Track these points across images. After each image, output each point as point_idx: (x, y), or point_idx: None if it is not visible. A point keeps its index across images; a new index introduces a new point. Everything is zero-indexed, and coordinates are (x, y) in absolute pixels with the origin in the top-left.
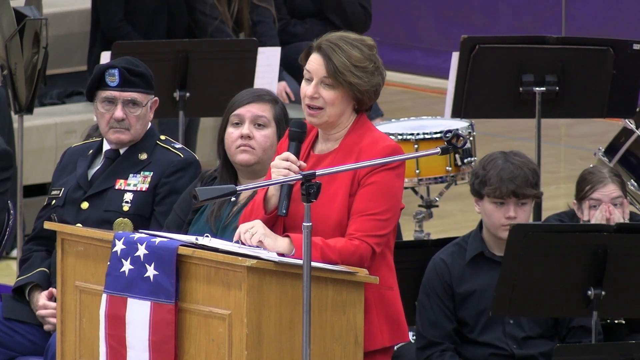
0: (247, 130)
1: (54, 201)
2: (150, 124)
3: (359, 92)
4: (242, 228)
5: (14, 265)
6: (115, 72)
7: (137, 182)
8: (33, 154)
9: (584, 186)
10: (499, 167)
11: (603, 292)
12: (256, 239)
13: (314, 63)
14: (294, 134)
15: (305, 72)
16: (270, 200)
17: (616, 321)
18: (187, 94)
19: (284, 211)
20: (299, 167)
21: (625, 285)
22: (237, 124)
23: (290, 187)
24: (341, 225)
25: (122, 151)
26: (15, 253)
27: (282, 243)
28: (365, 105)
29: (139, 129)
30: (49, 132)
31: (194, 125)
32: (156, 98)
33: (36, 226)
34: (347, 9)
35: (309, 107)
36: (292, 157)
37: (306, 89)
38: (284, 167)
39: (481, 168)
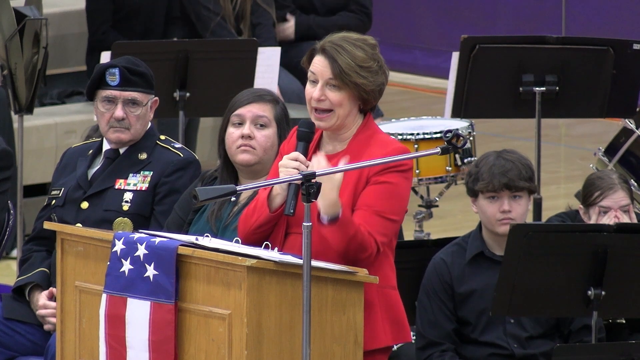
0: (247, 130)
1: (53, 201)
2: (150, 124)
3: (365, 92)
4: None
5: (14, 265)
6: (116, 71)
7: (136, 182)
8: (33, 154)
9: (593, 192)
10: (491, 163)
11: (603, 292)
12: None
13: (319, 65)
14: (303, 134)
15: (309, 74)
16: (275, 199)
17: (619, 321)
18: (187, 94)
19: (292, 211)
20: (307, 167)
21: (625, 285)
22: (238, 124)
23: (297, 187)
24: None
25: (122, 151)
26: (15, 253)
27: (327, 195)
28: (371, 104)
29: (139, 128)
30: (49, 132)
31: (194, 125)
32: (156, 98)
33: (36, 226)
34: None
35: (316, 110)
36: (301, 157)
37: (312, 91)
38: (293, 167)
39: (474, 166)
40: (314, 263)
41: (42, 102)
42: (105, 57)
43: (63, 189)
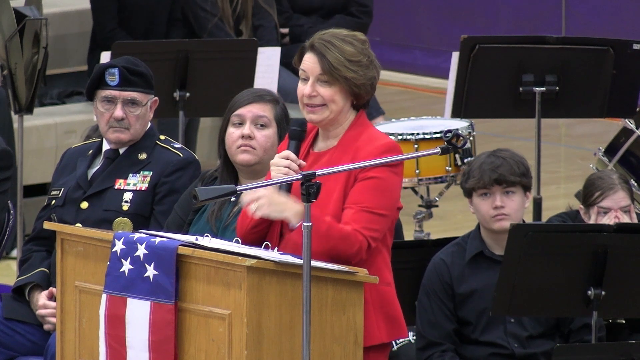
0: (248, 131)
1: (53, 201)
2: (150, 124)
3: (356, 86)
4: (246, 198)
5: (14, 265)
6: (115, 71)
7: (136, 182)
8: (33, 154)
9: (593, 192)
10: (482, 160)
11: (603, 292)
12: (260, 213)
13: (309, 62)
14: (294, 132)
15: (300, 72)
16: None
17: (619, 321)
18: (187, 94)
19: None
20: (299, 165)
21: (625, 285)
22: (238, 124)
23: (288, 188)
24: (337, 219)
25: (121, 151)
26: (15, 253)
27: (291, 208)
28: (363, 99)
29: (139, 128)
30: (49, 132)
31: (194, 125)
32: (156, 98)
33: (36, 227)
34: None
35: (308, 105)
36: (292, 155)
37: (303, 88)
38: (284, 165)
39: (467, 166)
40: (314, 263)
41: (42, 102)
42: (105, 57)
43: (63, 189)
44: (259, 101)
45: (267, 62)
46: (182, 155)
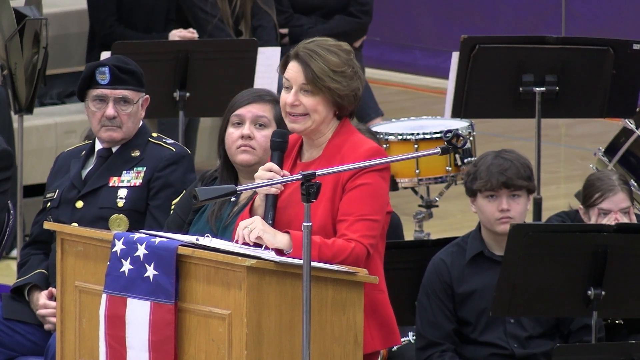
0: (247, 131)
1: (49, 204)
2: (142, 122)
3: (339, 97)
4: (241, 224)
5: (14, 265)
6: (106, 70)
7: (130, 178)
8: (33, 154)
9: (593, 193)
10: (489, 162)
11: (603, 292)
12: (254, 234)
13: (292, 71)
14: (275, 144)
15: (284, 80)
16: (257, 211)
17: (617, 321)
18: (187, 94)
19: (270, 222)
20: (282, 176)
21: (625, 285)
22: (237, 124)
23: (275, 198)
24: (325, 229)
25: (114, 149)
26: (15, 253)
27: (281, 238)
28: (346, 110)
29: (131, 126)
30: (49, 132)
31: (194, 125)
32: (147, 95)
33: (33, 231)
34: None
35: (291, 114)
36: (275, 167)
37: (286, 97)
38: (268, 177)
39: (472, 166)
40: (314, 263)
41: (42, 102)
42: (105, 56)
43: (57, 190)
44: (259, 101)
45: (267, 62)
46: (174, 150)
